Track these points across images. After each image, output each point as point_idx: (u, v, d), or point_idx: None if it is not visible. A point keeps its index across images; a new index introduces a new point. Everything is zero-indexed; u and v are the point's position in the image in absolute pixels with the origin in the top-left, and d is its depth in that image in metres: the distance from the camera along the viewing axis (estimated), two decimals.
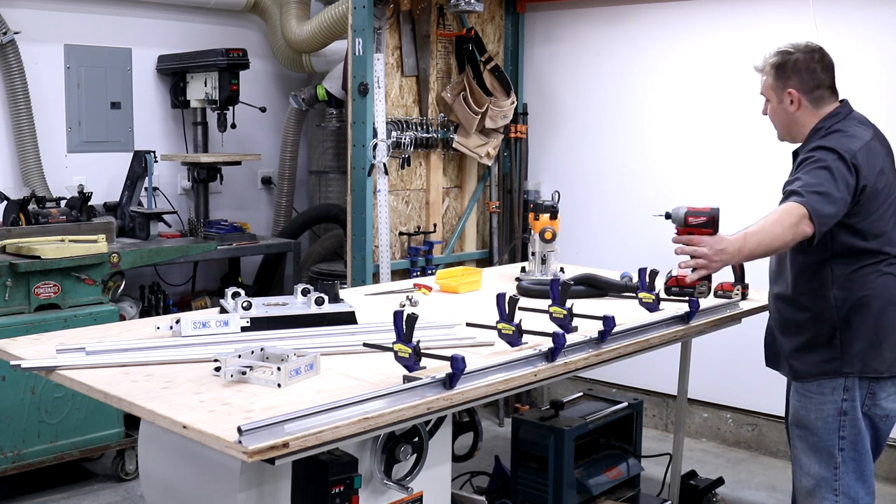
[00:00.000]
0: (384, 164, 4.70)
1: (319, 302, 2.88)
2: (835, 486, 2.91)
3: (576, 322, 2.80)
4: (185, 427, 2.04)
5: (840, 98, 3.00)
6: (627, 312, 3.11)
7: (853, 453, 2.90)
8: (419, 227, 5.11)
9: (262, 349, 2.49)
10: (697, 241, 2.69)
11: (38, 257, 4.02)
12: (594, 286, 3.56)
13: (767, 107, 3.04)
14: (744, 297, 3.52)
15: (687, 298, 3.06)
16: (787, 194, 2.76)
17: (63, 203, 4.71)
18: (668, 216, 2.84)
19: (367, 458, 2.44)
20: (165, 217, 5.13)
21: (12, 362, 2.52)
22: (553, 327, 2.71)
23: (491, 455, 3.87)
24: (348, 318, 2.91)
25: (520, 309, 2.68)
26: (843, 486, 2.91)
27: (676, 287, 2.89)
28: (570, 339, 2.68)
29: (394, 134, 4.79)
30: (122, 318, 4.38)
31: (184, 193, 5.71)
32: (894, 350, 2.89)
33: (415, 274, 4.87)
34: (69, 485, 4.31)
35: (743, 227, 3.59)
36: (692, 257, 2.70)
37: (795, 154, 3.02)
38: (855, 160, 2.77)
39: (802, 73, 2.95)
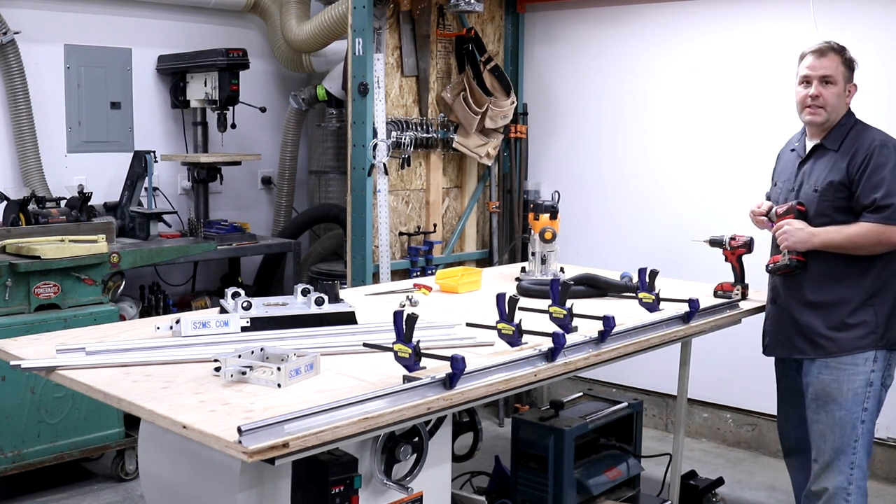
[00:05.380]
0: (384, 164, 4.70)
1: (319, 302, 2.88)
2: (852, 458, 3.10)
3: (576, 322, 2.80)
4: (185, 427, 2.04)
5: None
6: (627, 312, 3.11)
7: (870, 426, 3.11)
8: (419, 227, 5.11)
9: (262, 349, 2.49)
10: (784, 221, 3.19)
11: (38, 257, 4.02)
12: (594, 286, 3.56)
13: (823, 89, 3.16)
14: (744, 296, 3.52)
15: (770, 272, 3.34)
16: (880, 209, 3.02)
17: (63, 203, 4.71)
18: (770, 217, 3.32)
19: (367, 458, 2.44)
20: (165, 217, 5.12)
21: (12, 362, 2.52)
22: (553, 327, 2.71)
23: (491, 455, 3.87)
24: (348, 318, 2.91)
25: (520, 309, 2.68)
26: (858, 459, 3.10)
27: (772, 265, 3.28)
28: (570, 339, 2.68)
29: (394, 134, 4.79)
30: (122, 318, 4.38)
31: (184, 193, 5.71)
32: None
33: (415, 274, 4.87)
34: (69, 485, 4.31)
35: (740, 227, 3.64)
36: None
37: (816, 148, 3.21)
38: None
39: (853, 74, 3.23)
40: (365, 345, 2.58)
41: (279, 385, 2.30)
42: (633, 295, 3.32)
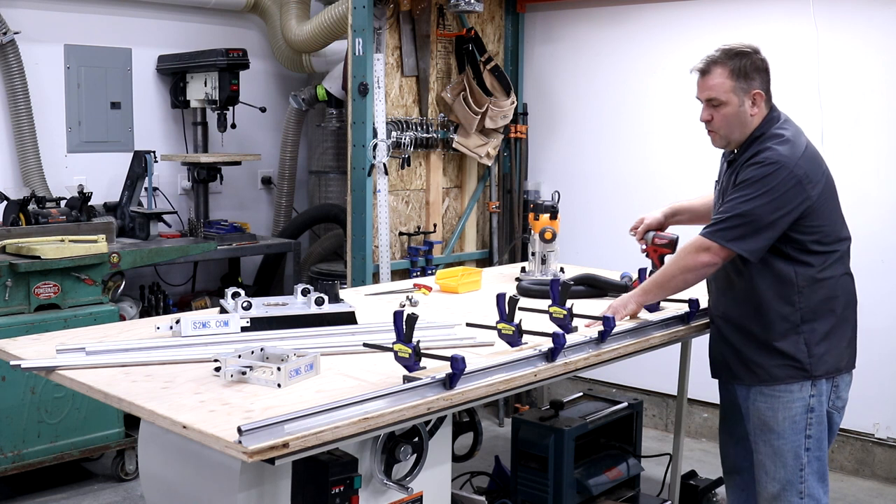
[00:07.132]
0: (384, 164, 4.70)
1: (319, 302, 2.88)
2: (800, 488, 2.90)
3: (576, 322, 2.80)
4: (185, 427, 2.04)
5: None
6: None
7: (818, 452, 2.91)
8: (419, 227, 5.11)
9: (262, 349, 2.49)
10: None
11: (38, 257, 4.02)
12: (594, 286, 3.55)
13: (714, 111, 2.94)
14: None
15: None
16: (712, 223, 2.86)
17: (63, 203, 4.72)
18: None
19: (367, 458, 2.44)
20: (165, 217, 5.13)
21: (12, 362, 2.52)
22: (553, 327, 2.71)
23: (491, 455, 3.87)
24: (348, 318, 2.91)
25: (520, 309, 2.68)
26: (808, 488, 2.90)
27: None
28: (570, 339, 2.68)
29: (394, 134, 4.79)
30: (122, 318, 4.38)
31: (184, 193, 5.71)
32: (851, 345, 2.96)
33: (415, 274, 4.87)
34: (69, 485, 4.31)
35: None
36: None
37: (731, 162, 2.99)
38: (799, 170, 2.77)
39: (762, 74, 2.90)
40: (365, 345, 2.58)
41: (279, 385, 2.30)
42: None
